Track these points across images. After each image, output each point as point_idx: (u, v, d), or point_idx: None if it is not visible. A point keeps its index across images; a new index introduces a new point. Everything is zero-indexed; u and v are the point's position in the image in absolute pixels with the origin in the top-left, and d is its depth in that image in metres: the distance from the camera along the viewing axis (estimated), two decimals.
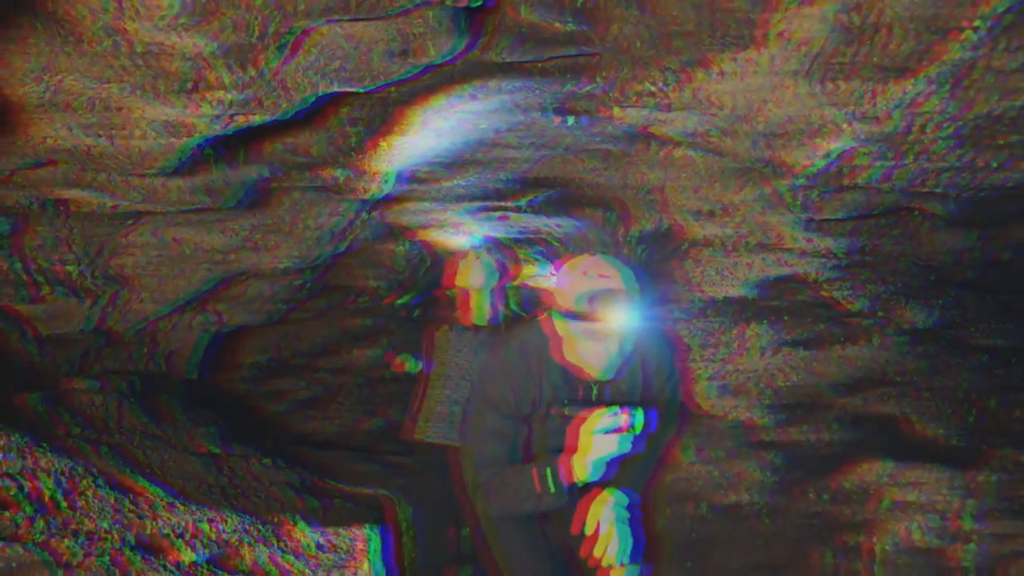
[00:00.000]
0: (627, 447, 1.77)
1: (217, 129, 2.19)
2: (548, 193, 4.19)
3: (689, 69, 1.64)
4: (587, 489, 1.87)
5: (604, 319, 1.79)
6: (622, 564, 1.83)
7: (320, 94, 2.33)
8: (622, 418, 1.76)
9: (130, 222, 3.23)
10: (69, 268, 3.19)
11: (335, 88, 2.34)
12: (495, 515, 2.06)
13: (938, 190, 1.73)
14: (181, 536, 2.71)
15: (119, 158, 2.35)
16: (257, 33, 1.95)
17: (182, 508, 2.97)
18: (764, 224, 2.22)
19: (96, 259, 3.30)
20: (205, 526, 2.92)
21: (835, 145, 1.67)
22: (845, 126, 1.61)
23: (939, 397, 2.85)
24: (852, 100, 1.54)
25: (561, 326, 1.86)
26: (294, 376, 6.13)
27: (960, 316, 2.50)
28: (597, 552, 1.83)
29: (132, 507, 2.73)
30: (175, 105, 2.04)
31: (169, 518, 2.79)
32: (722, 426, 2.79)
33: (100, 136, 2.22)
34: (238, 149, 2.74)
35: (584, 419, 1.79)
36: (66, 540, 2.09)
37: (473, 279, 3.03)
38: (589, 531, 1.84)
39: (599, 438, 1.76)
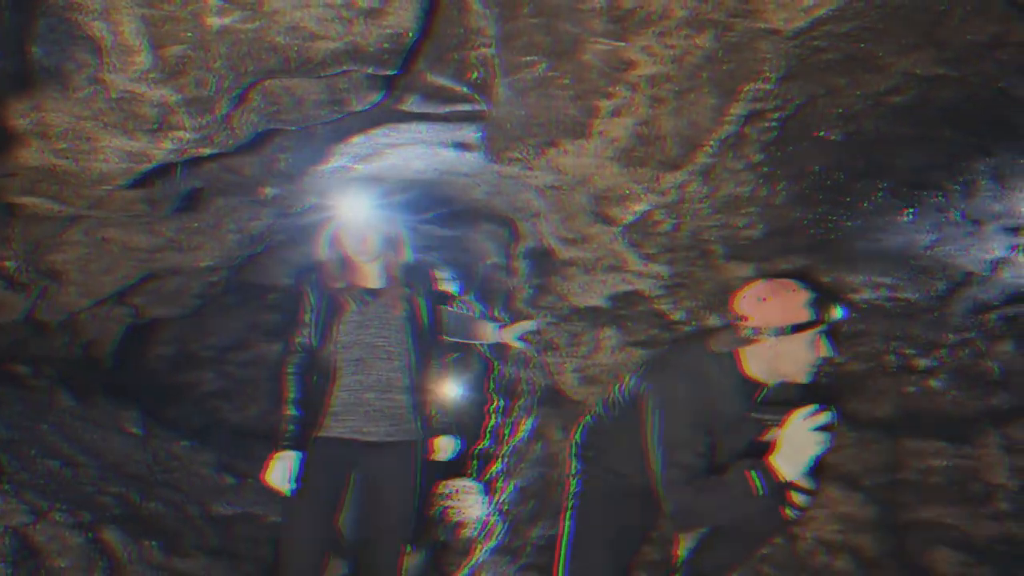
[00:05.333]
0: (830, 443, 1.81)
1: (172, 158, 2.60)
2: (451, 208, 4.72)
3: (544, 146, 2.27)
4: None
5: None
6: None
7: (260, 131, 2.78)
8: (827, 414, 1.80)
9: (67, 223, 3.51)
10: (8, 263, 3.40)
11: (273, 127, 2.80)
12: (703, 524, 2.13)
13: (713, 238, 2.48)
14: (118, 501, 3.08)
15: (80, 176, 2.69)
16: (215, 88, 2.38)
17: (116, 480, 3.32)
18: (613, 251, 2.87)
19: (32, 255, 3.54)
20: (136, 496, 3.29)
21: (638, 208, 2.36)
22: (643, 196, 2.30)
23: None
24: (645, 180, 2.23)
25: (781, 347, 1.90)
26: (203, 368, 6.22)
27: None
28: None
29: (73, 476, 3.08)
30: (141, 140, 2.45)
31: (108, 487, 3.15)
32: (583, 409, 3.45)
33: (67, 159, 2.57)
34: (178, 167, 3.12)
35: (788, 420, 1.83)
36: (32, 494, 2.46)
37: (366, 247, 2.75)
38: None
39: (811, 436, 1.80)
